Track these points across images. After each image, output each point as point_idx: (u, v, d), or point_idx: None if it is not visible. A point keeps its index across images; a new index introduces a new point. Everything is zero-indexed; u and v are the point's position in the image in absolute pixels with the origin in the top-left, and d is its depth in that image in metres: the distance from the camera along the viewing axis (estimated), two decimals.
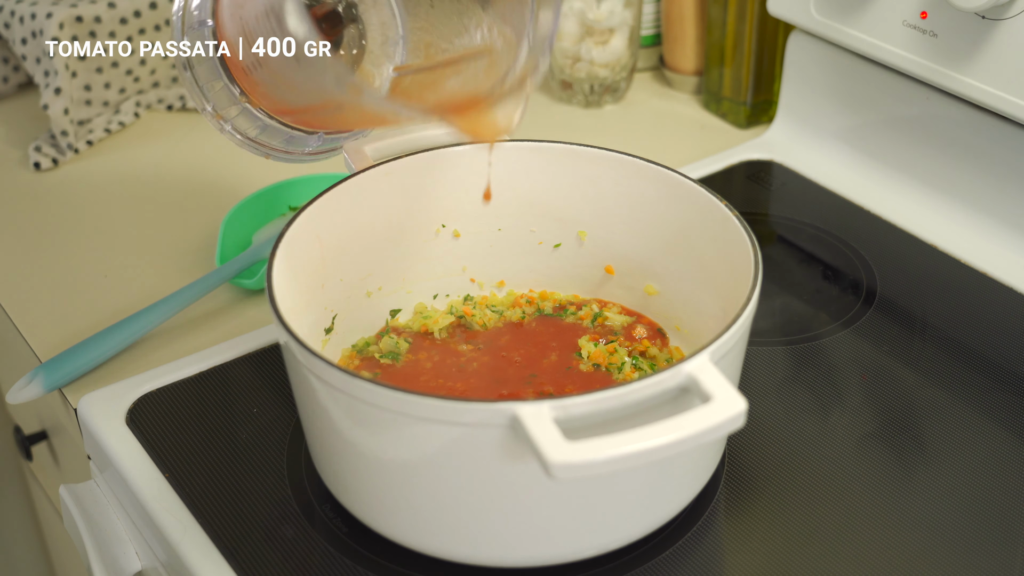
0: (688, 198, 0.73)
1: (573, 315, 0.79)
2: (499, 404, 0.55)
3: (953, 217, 0.93)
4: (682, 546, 0.66)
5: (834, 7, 0.94)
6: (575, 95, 1.14)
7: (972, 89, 0.86)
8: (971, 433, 0.74)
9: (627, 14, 1.10)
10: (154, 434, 0.74)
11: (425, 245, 0.79)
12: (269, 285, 0.63)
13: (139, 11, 1.10)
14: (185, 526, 0.67)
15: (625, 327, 0.77)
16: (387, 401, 0.57)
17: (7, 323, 0.88)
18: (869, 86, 0.97)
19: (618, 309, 0.79)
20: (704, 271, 0.73)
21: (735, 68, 1.08)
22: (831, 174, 1.01)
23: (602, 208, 0.78)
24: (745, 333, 0.63)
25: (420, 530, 0.63)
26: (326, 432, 0.63)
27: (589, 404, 0.55)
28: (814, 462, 0.72)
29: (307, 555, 0.66)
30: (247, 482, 0.70)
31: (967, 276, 0.89)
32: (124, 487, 0.72)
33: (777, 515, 0.68)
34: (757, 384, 0.77)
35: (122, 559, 0.76)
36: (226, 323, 0.85)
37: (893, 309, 0.86)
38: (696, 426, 0.54)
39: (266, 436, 0.74)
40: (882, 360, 0.81)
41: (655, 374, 0.56)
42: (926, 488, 0.70)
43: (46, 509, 1.16)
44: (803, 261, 0.92)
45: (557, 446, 0.52)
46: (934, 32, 0.87)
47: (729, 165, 1.03)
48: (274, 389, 0.77)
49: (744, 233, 0.68)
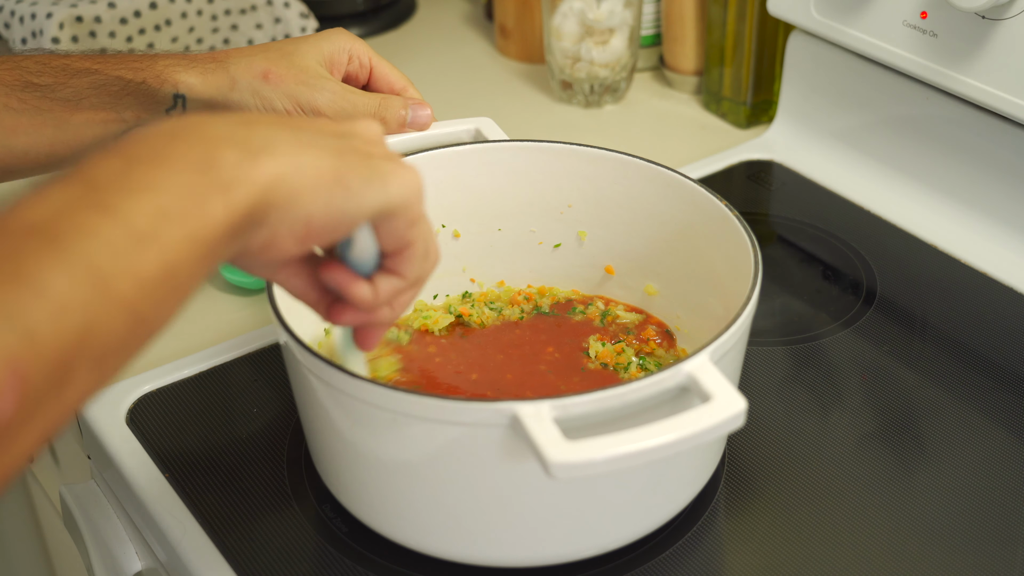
0: (688, 198, 0.73)
1: (581, 313, 0.78)
2: (499, 404, 0.55)
3: (953, 217, 0.93)
4: (682, 546, 0.66)
5: (834, 7, 0.94)
6: (575, 95, 1.14)
7: (972, 89, 0.86)
8: (971, 433, 0.74)
9: (627, 14, 1.10)
10: (154, 434, 0.74)
11: None
12: (269, 285, 0.63)
13: (139, 11, 1.10)
14: (185, 526, 0.67)
15: (636, 325, 0.77)
16: (387, 401, 0.57)
17: None
18: (869, 86, 0.97)
19: (623, 307, 0.79)
20: (704, 271, 0.73)
21: (735, 68, 1.08)
22: (831, 174, 1.01)
23: (602, 208, 0.78)
24: (745, 333, 0.63)
25: (420, 530, 0.63)
26: (326, 432, 0.63)
27: (589, 404, 0.55)
28: (814, 462, 0.72)
29: (307, 555, 0.66)
30: (247, 482, 0.70)
31: (967, 276, 0.89)
32: (124, 487, 0.72)
33: (777, 515, 0.68)
34: (757, 384, 0.77)
35: (122, 559, 0.76)
36: (226, 323, 0.85)
37: (893, 309, 0.86)
38: (696, 426, 0.54)
39: (266, 436, 0.74)
40: (882, 360, 0.81)
41: (654, 374, 0.56)
42: (926, 488, 0.70)
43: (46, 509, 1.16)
44: (803, 261, 0.92)
45: (557, 446, 0.52)
46: (934, 32, 0.87)
47: (729, 165, 1.03)
48: (274, 389, 0.77)
49: (744, 233, 0.68)
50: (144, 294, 0.42)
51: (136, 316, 0.42)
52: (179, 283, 0.44)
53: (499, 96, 1.17)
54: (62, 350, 0.39)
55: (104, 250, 0.41)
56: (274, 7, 1.17)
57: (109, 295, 0.41)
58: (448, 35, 1.30)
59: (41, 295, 0.39)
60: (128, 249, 0.42)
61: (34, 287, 0.39)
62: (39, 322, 0.39)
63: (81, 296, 0.40)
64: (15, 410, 0.38)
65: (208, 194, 0.45)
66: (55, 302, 0.39)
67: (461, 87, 1.19)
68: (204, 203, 0.44)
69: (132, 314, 0.42)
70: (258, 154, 0.47)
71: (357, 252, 0.55)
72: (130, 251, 0.42)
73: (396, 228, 0.53)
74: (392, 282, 0.56)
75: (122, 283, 0.41)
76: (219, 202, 0.45)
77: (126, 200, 0.43)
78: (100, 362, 0.41)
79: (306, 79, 0.74)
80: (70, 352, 0.40)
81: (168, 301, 0.44)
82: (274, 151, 0.48)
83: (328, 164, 0.49)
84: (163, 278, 0.43)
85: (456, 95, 1.17)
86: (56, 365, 0.39)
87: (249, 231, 0.48)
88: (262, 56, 0.75)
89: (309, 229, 0.50)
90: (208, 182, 0.45)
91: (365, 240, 0.54)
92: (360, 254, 0.55)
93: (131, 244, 0.42)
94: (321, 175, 0.49)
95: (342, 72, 0.78)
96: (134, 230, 0.42)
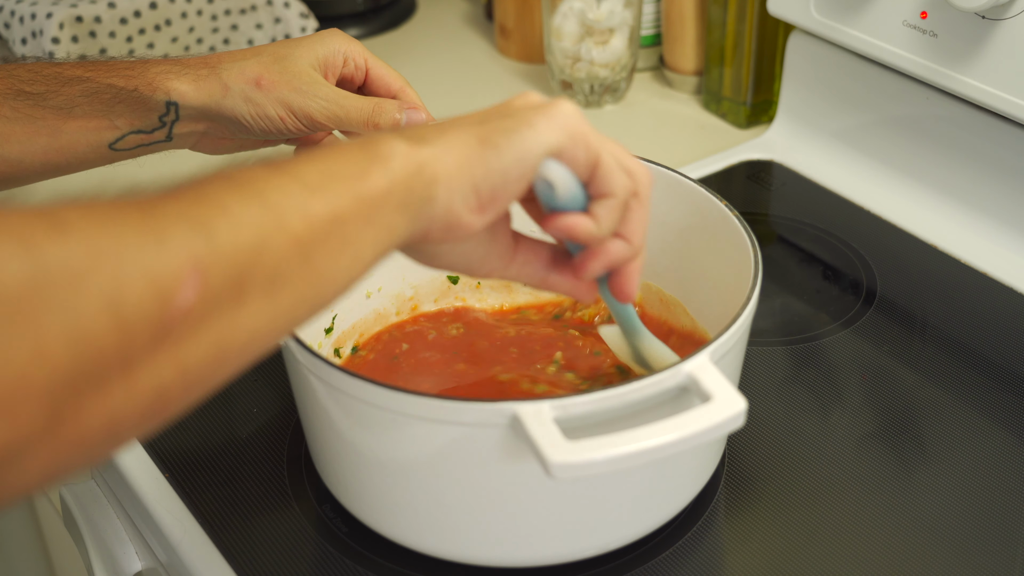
0: (688, 198, 0.73)
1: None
2: (499, 404, 0.55)
3: (953, 217, 0.93)
4: (682, 546, 0.66)
5: (834, 7, 0.94)
6: (575, 95, 1.14)
7: (972, 89, 0.86)
8: (971, 433, 0.74)
9: (627, 14, 1.10)
10: (154, 434, 0.74)
11: None
12: None
13: (139, 11, 1.10)
14: (185, 526, 0.67)
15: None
16: (387, 401, 0.57)
17: None
18: (869, 86, 0.97)
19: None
20: (704, 271, 0.73)
21: (735, 68, 1.08)
22: (831, 174, 1.01)
23: None
24: (745, 333, 0.63)
25: (420, 530, 0.63)
26: (326, 432, 0.63)
27: (589, 404, 0.55)
28: (814, 462, 0.72)
29: (307, 555, 0.66)
30: (247, 482, 0.70)
31: (967, 276, 0.89)
32: (124, 487, 0.72)
33: (777, 515, 0.68)
34: (757, 384, 0.77)
35: (122, 559, 0.76)
36: None
37: (893, 309, 0.86)
38: (696, 425, 0.54)
39: (266, 436, 0.74)
40: (882, 360, 0.81)
41: (655, 374, 0.56)
42: (926, 488, 0.70)
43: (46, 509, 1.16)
44: (803, 261, 0.92)
45: (557, 446, 0.52)
46: (934, 32, 0.87)
47: (729, 165, 1.03)
48: (274, 389, 0.77)
49: (744, 233, 0.68)
50: (312, 233, 0.46)
51: (305, 252, 0.46)
52: (349, 236, 0.48)
53: (499, 96, 1.16)
54: (238, 261, 0.43)
55: (277, 191, 0.46)
56: (274, 7, 1.17)
57: (282, 225, 0.45)
58: (448, 35, 1.31)
59: (221, 212, 0.44)
60: (298, 193, 0.46)
61: (215, 206, 0.44)
62: (219, 230, 0.43)
63: (257, 219, 0.44)
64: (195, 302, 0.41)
65: (369, 163, 0.50)
66: (235, 219, 0.44)
67: (461, 87, 1.19)
68: (367, 169, 0.49)
69: (301, 248, 0.46)
70: (413, 140, 0.52)
71: (560, 192, 0.55)
72: (300, 194, 0.46)
73: (574, 158, 0.55)
74: (606, 204, 0.56)
75: (292, 217, 0.46)
76: (378, 169, 0.50)
77: (295, 164, 0.48)
78: (272, 288, 0.45)
79: (299, 85, 0.74)
80: (245, 266, 0.43)
81: (338, 252, 0.47)
82: (425, 139, 0.52)
83: (472, 133, 0.53)
84: (330, 222, 0.47)
85: (456, 95, 1.17)
86: (232, 274, 0.43)
87: (416, 208, 0.51)
88: (255, 61, 0.75)
89: (480, 196, 0.53)
90: (366, 155, 0.50)
91: (559, 178, 0.55)
92: (563, 193, 0.55)
93: (301, 189, 0.46)
94: (468, 143, 0.53)
95: (337, 75, 0.78)
96: (304, 181, 0.47)
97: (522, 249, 0.60)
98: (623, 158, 0.57)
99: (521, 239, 0.60)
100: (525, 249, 0.60)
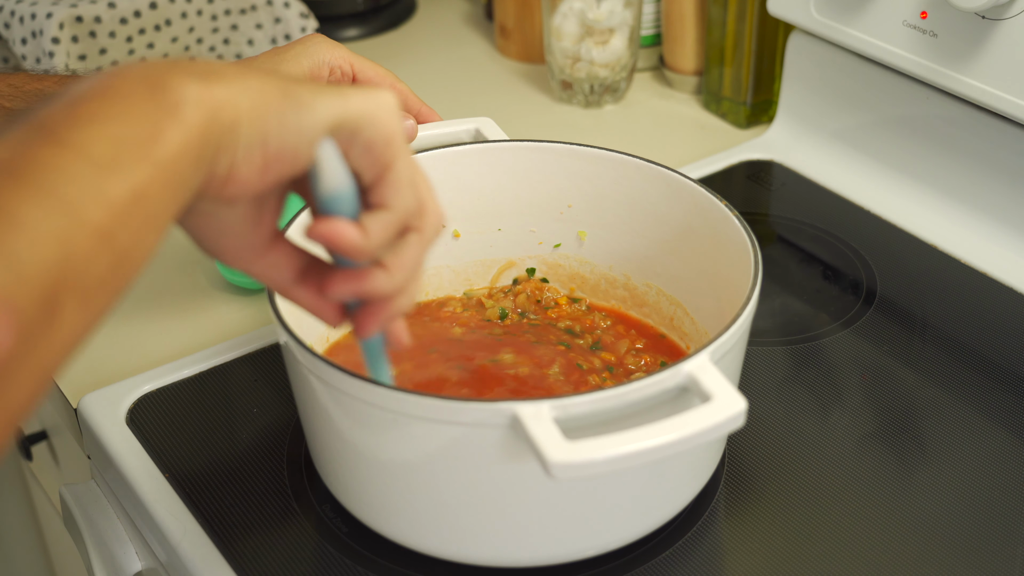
0: (688, 198, 0.73)
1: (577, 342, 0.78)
2: (499, 404, 0.55)
3: (953, 217, 0.93)
4: (682, 546, 0.66)
5: (834, 7, 0.94)
6: (575, 95, 1.14)
7: (972, 89, 0.86)
8: (971, 433, 0.74)
9: (627, 14, 1.10)
10: (154, 434, 0.74)
11: None
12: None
13: (139, 11, 1.10)
14: (185, 526, 0.67)
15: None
16: (387, 401, 0.57)
17: None
18: (869, 86, 0.97)
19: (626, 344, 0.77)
20: (704, 271, 0.73)
21: (735, 68, 1.08)
22: (831, 174, 1.01)
23: (602, 208, 0.78)
24: (745, 333, 0.63)
25: (420, 530, 0.63)
26: (326, 432, 0.63)
27: (589, 404, 0.55)
28: (814, 462, 0.72)
29: (307, 555, 0.66)
30: (247, 482, 0.70)
31: (967, 276, 0.89)
32: (124, 487, 0.72)
33: (777, 515, 0.68)
34: (757, 384, 0.77)
35: (122, 559, 0.76)
36: (226, 323, 0.85)
37: (893, 309, 0.86)
38: (696, 426, 0.54)
39: (266, 436, 0.74)
40: (882, 360, 0.81)
41: (655, 374, 0.56)
42: (926, 488, 0.70)
43: (46, 509, 1.16)
44: (803, 261, 0.92)
45: (557, 446, 0.52)
46: (934, 32, 0.87)
47: (729, 165, 1.03)
48: (274, 389, 0.77)
49: (744, 233, 0.68)
50: (117, 220, 0.42)
51: (113, 245, 0.42)
52: (152, 211, 0.43)
53: (499, 96, 1.17)
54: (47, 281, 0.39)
55: (69, 181, 0.41)
56: (274, 7, 1.17)
57: (82, 222, 0.41)
58: (448, 35, 1.31)
59: (17, 227, 0.39)
60: (92, 176, 0.41)
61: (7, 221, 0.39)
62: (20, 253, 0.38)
63: (56, 225, 0.40)
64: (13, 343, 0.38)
65: (160, 118, 0.44)
66: (32, 233, 0.39)
67: (461, 87, 1.19)
68: (158, 127, 0.43)
69: (108, 242, 0.42)
70: (205, 78, 0.46)
71: (326, 180, 0.49)
72: (94, 178, 0.41)
73: (367, 146, 0.50)
74: (380, 217, 0.51)
75: (93, 210, 0.41)
76: (172, 124, 0.44)
77: (78, 132, 0.42)
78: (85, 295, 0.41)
79: None
80: (55, 282, 0.39)
81: (144, 230, 0.43)
82: (221, 77, 0.46)
83: (275, 83, 0.48)
84: (133, 202, 0.42)
85: (456, 95, 1.17)
86: (43, 296, 0.39)
87: (210, 159, 0.46)
88: None
89: (266, 151, 0.47)
90: (156, 106, 0.44)
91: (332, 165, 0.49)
92: (329, 181, 0.49)
93: (94, 172, 0.41)
94: (268, 91, 0.47)
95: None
96: (93, 159, 0.42)
97: (277, 250, 0.54)
98: (420, 184, 0.52)
99: (281, 241, 0.54)
100: (279, 251, 0.54)
